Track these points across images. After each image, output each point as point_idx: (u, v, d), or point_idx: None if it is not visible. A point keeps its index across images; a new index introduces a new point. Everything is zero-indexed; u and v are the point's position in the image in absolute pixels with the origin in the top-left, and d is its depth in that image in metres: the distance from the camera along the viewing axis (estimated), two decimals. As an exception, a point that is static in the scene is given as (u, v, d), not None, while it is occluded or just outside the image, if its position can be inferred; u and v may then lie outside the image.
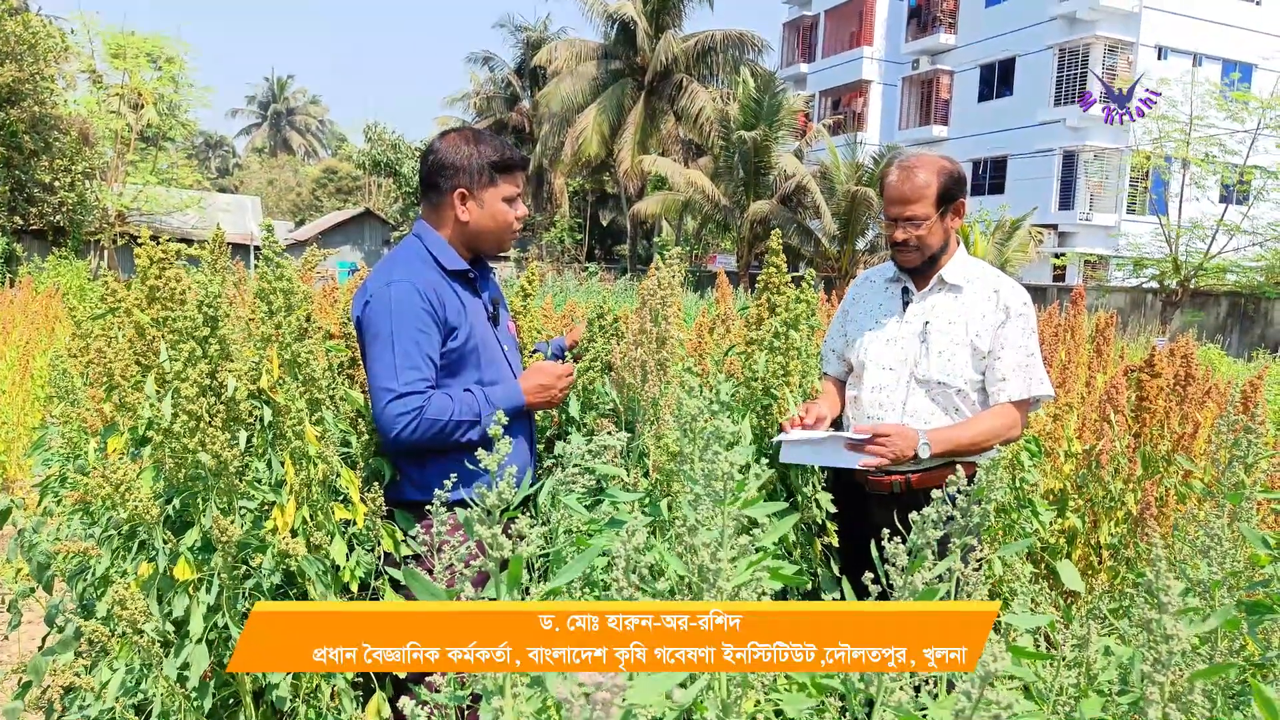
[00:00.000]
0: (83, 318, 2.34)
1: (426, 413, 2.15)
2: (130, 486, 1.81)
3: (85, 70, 26.32)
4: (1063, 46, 29.37)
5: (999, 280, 2.56)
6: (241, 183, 60.58)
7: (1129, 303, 21.48)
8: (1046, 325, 4.20)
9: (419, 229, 2.39)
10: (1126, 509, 3.08)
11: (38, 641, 2.24)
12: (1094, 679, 1.57)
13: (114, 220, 25.21)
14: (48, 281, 13.71)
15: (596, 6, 32.38)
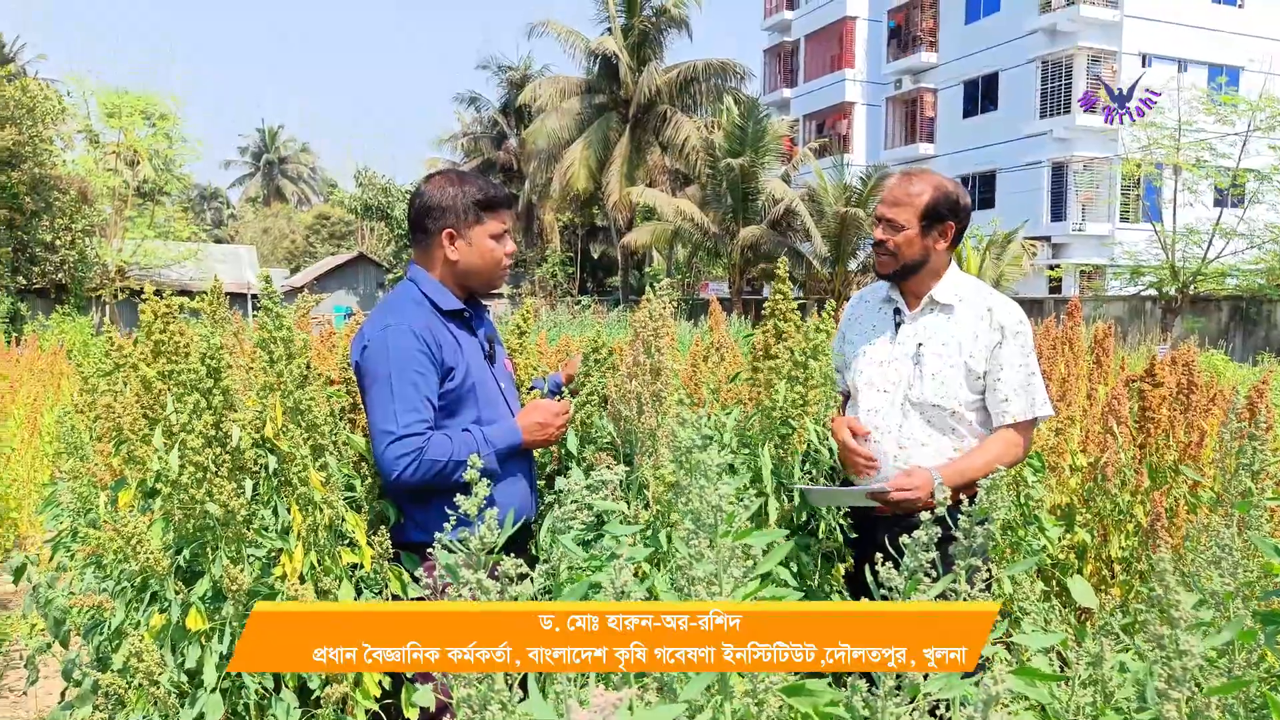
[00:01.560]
0: (90, 373, 2.36)
1: (426, 454, 2.17)
2: (141, 539, 1.83)
3: (82, 130, 26.59)
4: (1045, 59, 29.62)
5: (991, 298, 2.56)
6: (236, 232, 60.84)
7: (1128, 311, 21.49)
8: (1044, 338, 4.21)
9: (412, 273, 2.42)
10: (1136, 521, 3.06)
11: (55, 696, 2.25)
12: (1110, 697, 1.56)
13: (114, 275, 25.34)
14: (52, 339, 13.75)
15: (578, 43, 32.70)
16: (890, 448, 2.53)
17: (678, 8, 32.05)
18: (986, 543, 1.47)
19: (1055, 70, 29.60)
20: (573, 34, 32.72)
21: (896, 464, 2.52)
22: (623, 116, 32.32)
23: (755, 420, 2.55)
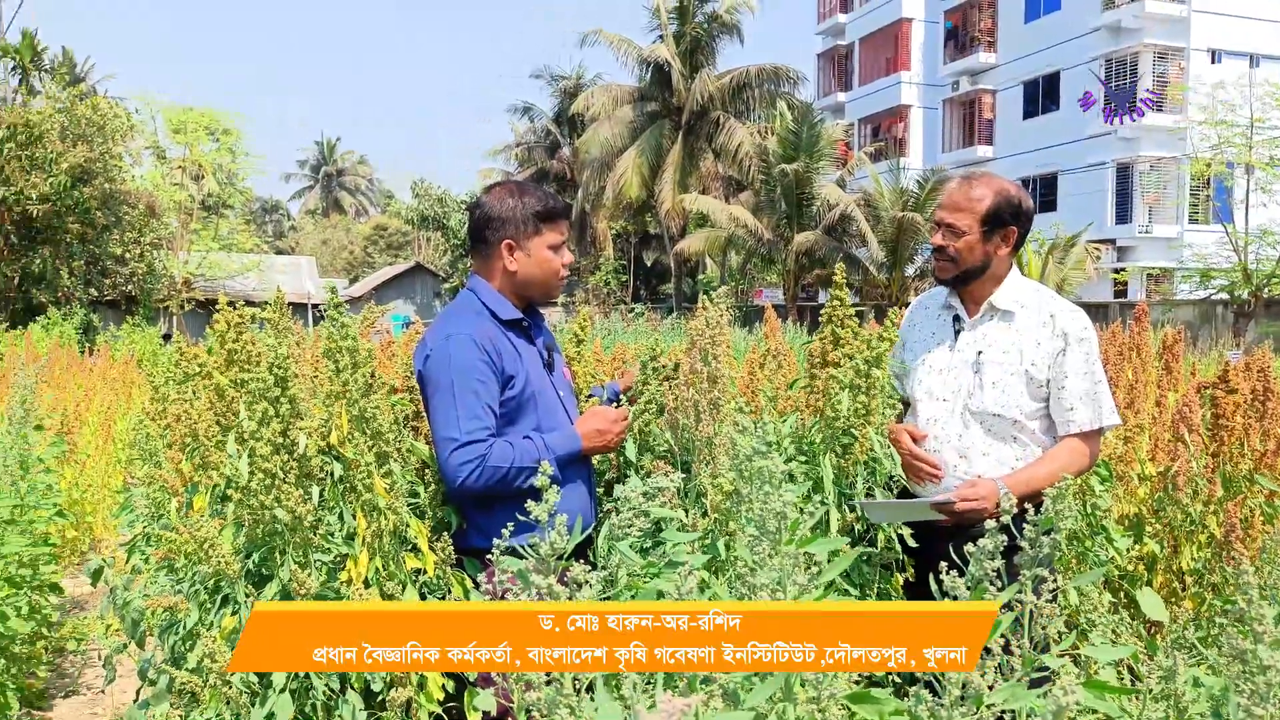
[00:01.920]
0: (162, 382, 2.44)
1: (489, 460, 2.20)
2: (213, 543, 1.88)
3: (149, 146, 27.49)
4: (1109, 57, 28.95)
5: (1054, 304, 2.51)
6: (297, 244, 62.20)
7: (1197, 316, 20.88)
8: (1110, 344, 4.11)
9: (473, 283, 2.46)
10: (1208, 532, 2.98)
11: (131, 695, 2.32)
12: (1184, 712, 1.52)
13: (180, 287, 26.10)
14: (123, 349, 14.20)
15: (630, 51, 32.85)
16: (951, 457, 2.49)
17: (730, 14, 32.05)
18: (1053, 552, 1.45)
19: (1119, 68, 28.92)
20: (625, 42, 32.89)
21: (957, 474, 2.48)
22: (675, 123, 32.38)
23: (814, 429, 2.53)
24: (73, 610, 5.07)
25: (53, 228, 20.01)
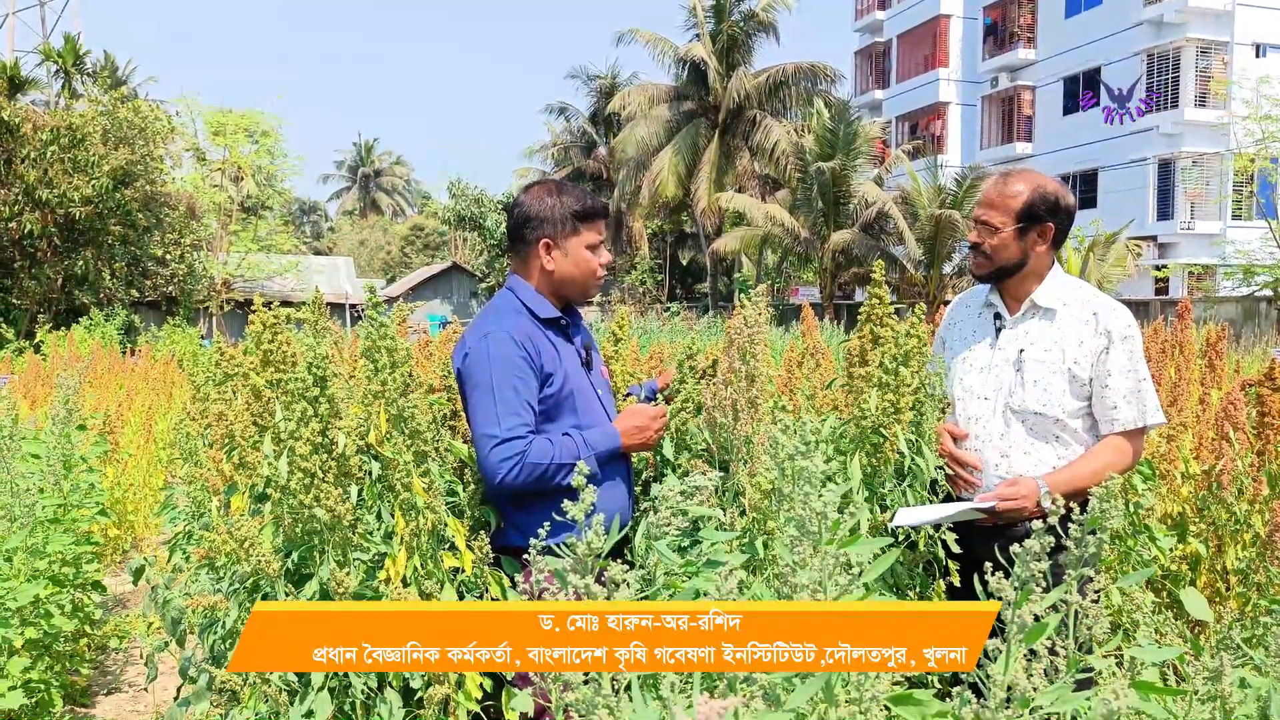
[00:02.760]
0: (202, 382, 2.48)
1: (528, 457, 2.21)
2: (253, 542, 1.90)
3: (189, 148, 27.93)
4: (1151, 51, 28.46)
5: (1097, 302, 2.47)
6: (334, 244, 62.90)
7: (1241, 313, 20.46)
8: (1152, 342, 4.04)
9: (511, 282, 2.47)
10: (1254, 531, 2.92)
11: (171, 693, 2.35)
12: (1230, 713, 1.49)
13: (220, 287, 26.49)
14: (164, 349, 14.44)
15: (666, 50, 32.83)
16: (992, 456, 2.46)
17: (766, 12, 31.92)
18: (1098, 552, 1.42)
19: (1162, 63, 28.41)
20: (661, 41, 32.89)
21: (999, 473, 2.45)
22: (711, 122, 32.33)
23: (844, 427, 2.51)
24: (115, 608, 5.17)
25: (95, 230, 20.38)
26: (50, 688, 3.34)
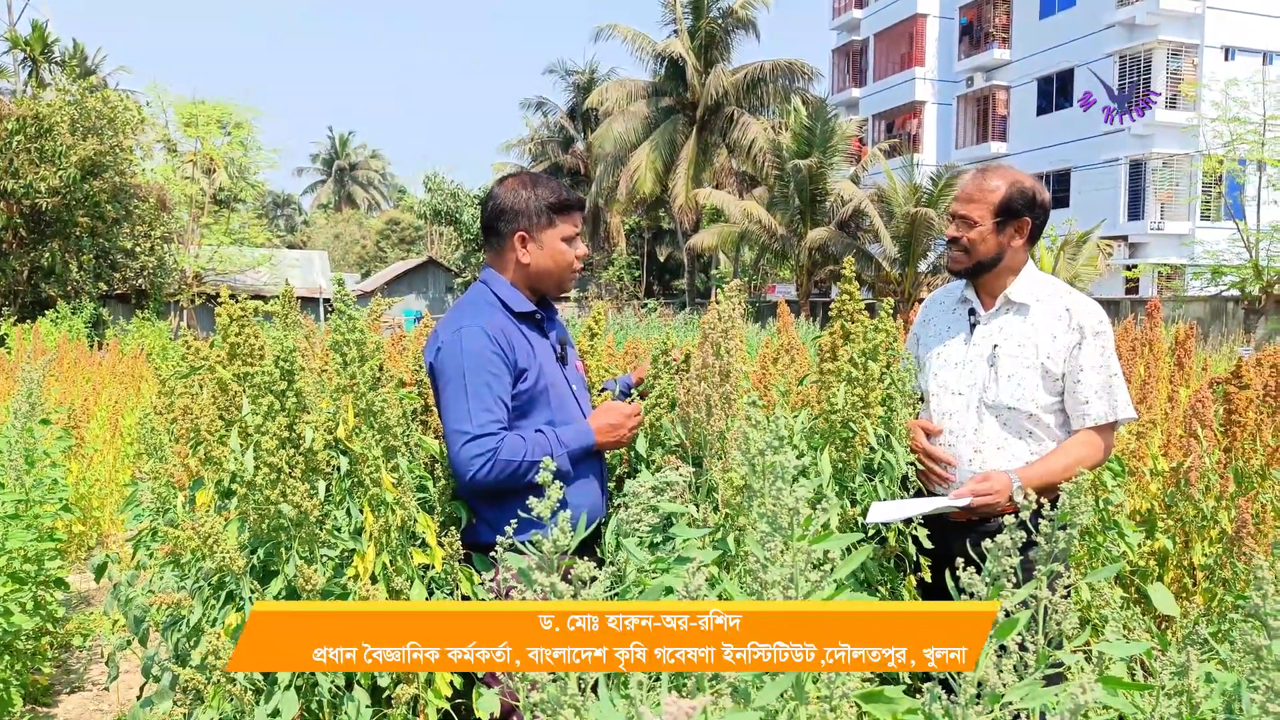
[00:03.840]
0: (168, 376, 2.43)
1: (500, 454, 2.18)
2: (217, 538, 1.87)
3: (160, 139, 27.55)
4: (1123, 53, 28.78)
5: (1070, 298, 2.49)
6: (309, 238, 62.37)
7: (1209, 312, 20.76)
8: (1123, 340, 4.08)
9: (485, 275, 2.44)
10: (1220, 528, 2.96)
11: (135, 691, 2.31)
12: (1196, 708, 1.50)
13: (191, 281, 26.18)
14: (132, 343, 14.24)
15: (644, 46, 32.80)
16: (965, 451, 2.47)
17: (745, 9, 31.96)
18: (1068, 548, 1.43)
19: (1133, 65, 28.74)
20: (639, 37, 32.84)
21: (972, 468, 2.46)
22: (689, 119, 32.34)
23: (814, 422, 2.51)
24: (79, 606, 5.09)
25: (62, 221, 20.06)
26: (10, 686, 3.28)
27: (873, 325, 2.45)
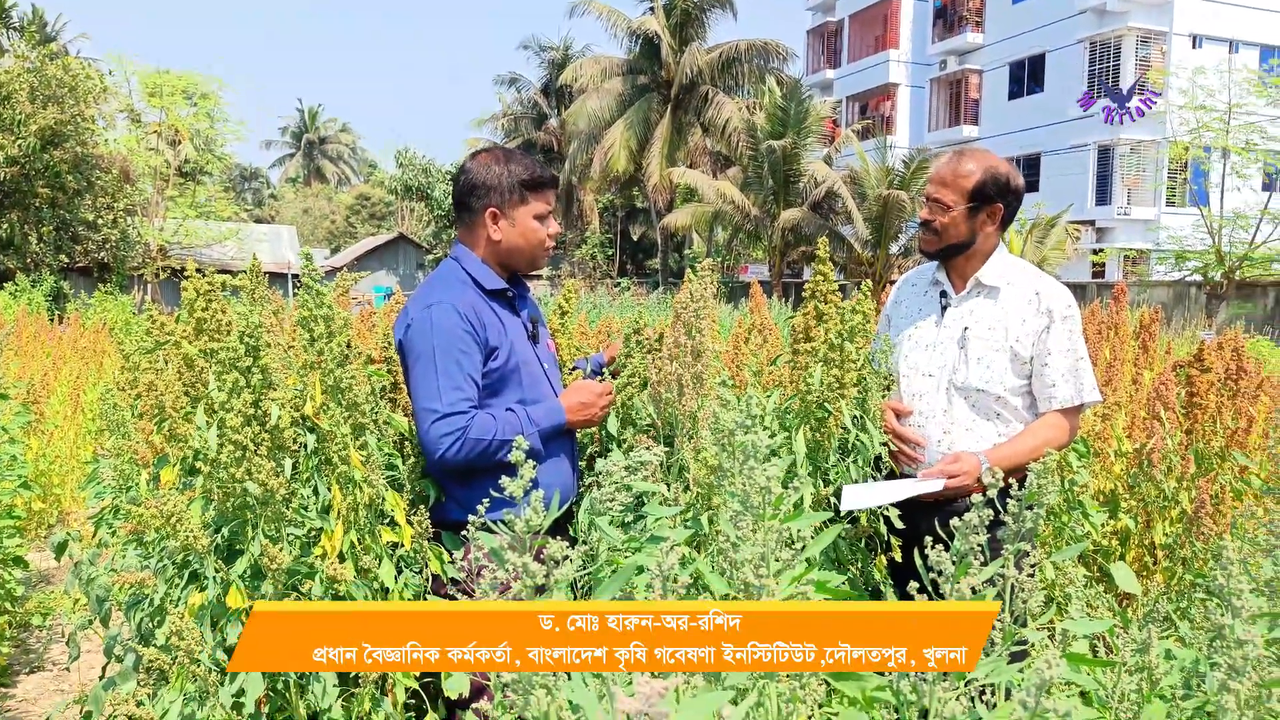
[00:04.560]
0: (132, 351, 2.39)
1: (470, 433, 2.17)
2: (181, 517, 1.84)
3: (124, 110, 26.99)
4: (1093, 39, 28.99)
5: (1040, 282, 2.51)
6: (277, 213, 61.51)
7: (1172, 297, 21.07)
8: (1089, 323, 4.13)
9: (456, 252, 2.41)
10: (1181, 508, 3.01)
11: (97, 672, 2.28)
12: (1156, 684, 1.53)
13: (156, 255, 25.76)
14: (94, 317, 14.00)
15: (619, 23, 32.56)
16: (935, 432, 2.49)
17: (719, -14, 31.78)
18: (1035, 527, 1.44)
19: (1103, 51, 28.95)
20: (614, 13, 32.59)
21: (941, 449, 2.48)
22: (664, 97, 32.19)
23: (789, 403, 2.52)
24: (39, 584, 5.01)
25: (21, 191, 19.64)
26: (-32, 665, 3.22)
27: (849, 307, 2.45)
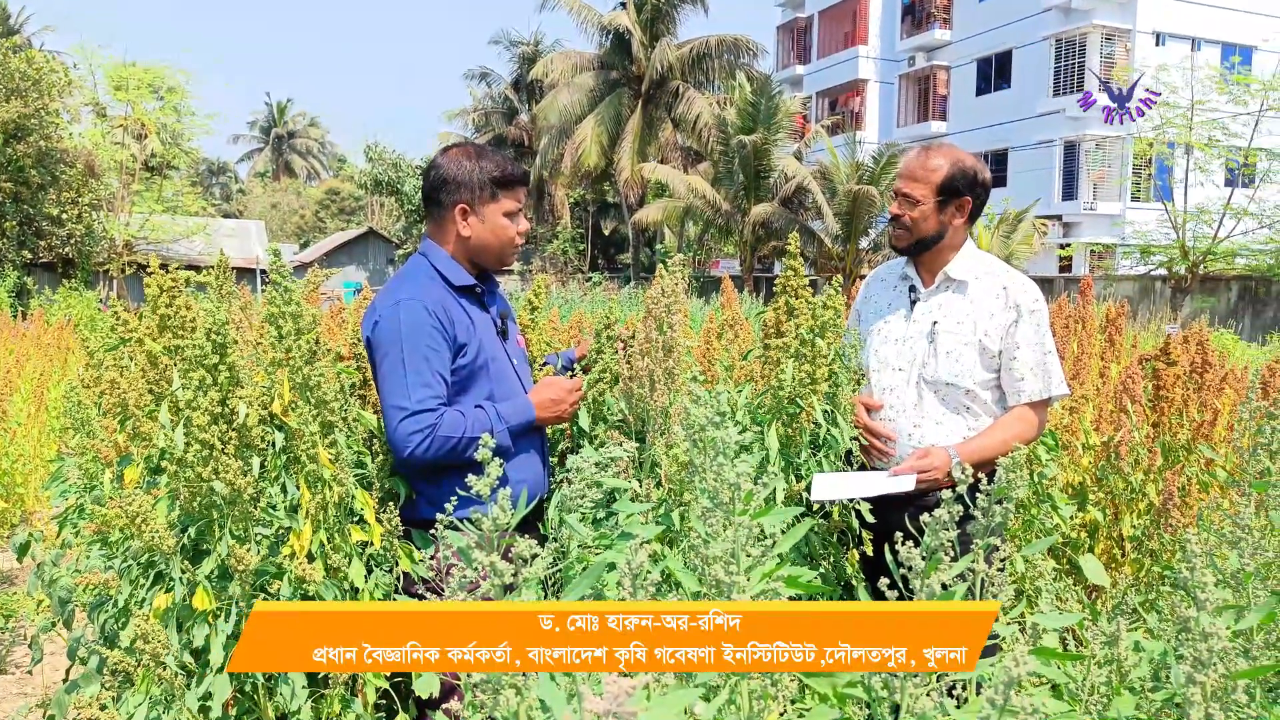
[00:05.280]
0: (96, 348, 2.34)
1: (439, 430, 2.15)
2: (146, 517, 1.81)
3: (89, 103, 26.54)
4: (1059, 37, 29.30)
5: (1008, 276, 2.53)
6: (245, 207, 60.77)
7: (1138, 291, 21.36)
8: (1056, 317, 4.17)
9: (425, 247, 2.39)
10: (1148, 500, 3.05)
11: (61, 674, 2.24)
12: (1125, 676, 1.55)
13: (121, 250, 25.35)
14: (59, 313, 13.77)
15: (590, 17, 32.46)
16: (905, 426, 2.51)
17: (690, -18, 31.75)
18: (1004, 521, 1.45)
19: (1069, 48, 29.28)
20: (585, 8, 32.47)
21: (911, 443, 2.50)
22: (635, 92, 32.14)
23: (760, 398, 2.52)
24: (1, 586, 4.92)
25: (-17, 186, 19.27)
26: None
27: (820, 302, 2.46)
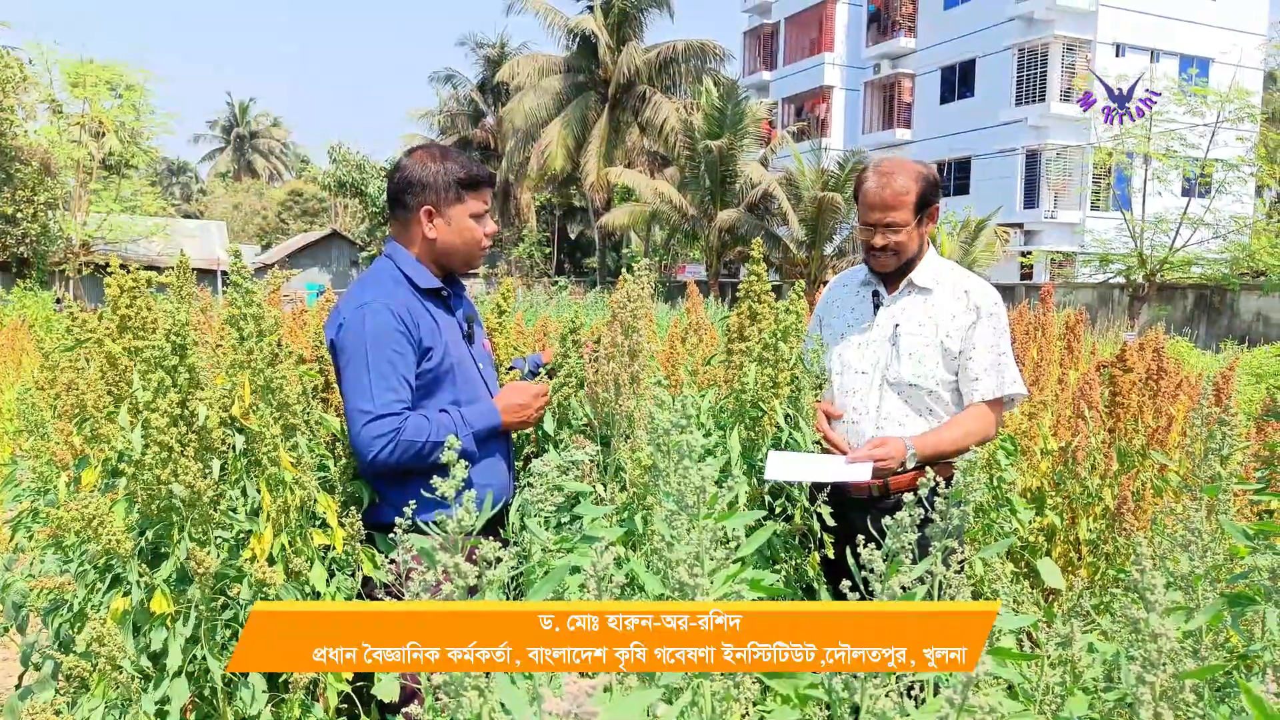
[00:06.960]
0: (52, 349, 2.31)
1: (403, 434, 2.14)
2: (103, 520, 1.78)
3: (45, 100, 25.98)
4: (1022, 46, 29.76)
5: (969, 280, 2.58)
6: (206, 208, 59.93)
7: (1096, 299, 21.74)
8: (1017, 323, 4.23)
9: (390, 249, 2.38)
10: (1104, 505, 3.10)
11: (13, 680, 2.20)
12: (1079, 677, 1.57)
13: (78, 250, 24.88)
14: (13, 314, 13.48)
15: (557, 21, 32.42)
16: (869, 428, 2.54)
17: (658, -13, 31.83)
18: (963, 524, 1.47)
19: (1031, 58, 29.75)
20: (552, 11, 32.43)
21: (873, 445, 2.52)
22: (601, 96, 32.14)
23: (724, 402, 2.54)
24: (-44, 589, 4.81)
25: (-64, 184, 18.83)
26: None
27: (783, 307, 2.48)
